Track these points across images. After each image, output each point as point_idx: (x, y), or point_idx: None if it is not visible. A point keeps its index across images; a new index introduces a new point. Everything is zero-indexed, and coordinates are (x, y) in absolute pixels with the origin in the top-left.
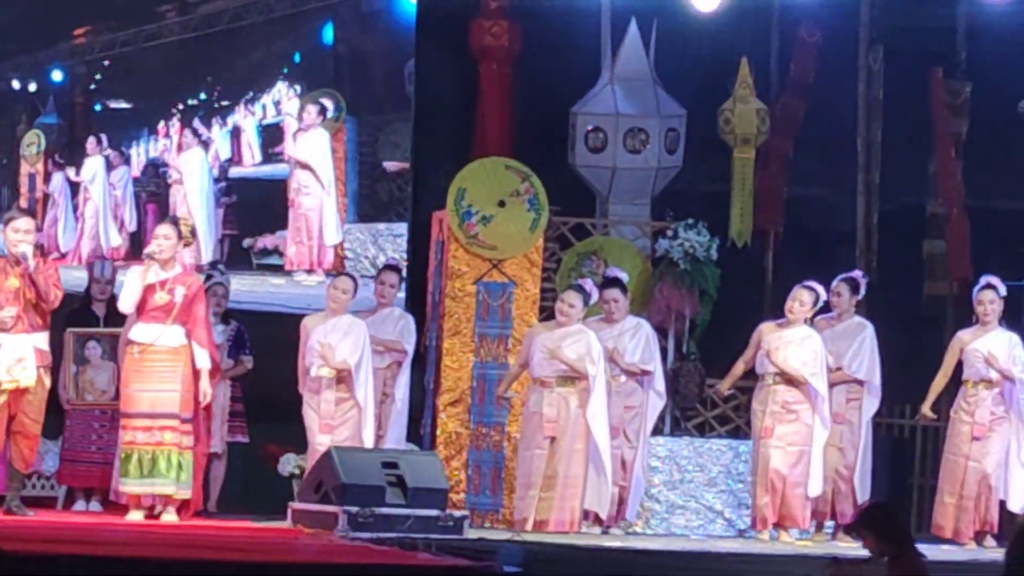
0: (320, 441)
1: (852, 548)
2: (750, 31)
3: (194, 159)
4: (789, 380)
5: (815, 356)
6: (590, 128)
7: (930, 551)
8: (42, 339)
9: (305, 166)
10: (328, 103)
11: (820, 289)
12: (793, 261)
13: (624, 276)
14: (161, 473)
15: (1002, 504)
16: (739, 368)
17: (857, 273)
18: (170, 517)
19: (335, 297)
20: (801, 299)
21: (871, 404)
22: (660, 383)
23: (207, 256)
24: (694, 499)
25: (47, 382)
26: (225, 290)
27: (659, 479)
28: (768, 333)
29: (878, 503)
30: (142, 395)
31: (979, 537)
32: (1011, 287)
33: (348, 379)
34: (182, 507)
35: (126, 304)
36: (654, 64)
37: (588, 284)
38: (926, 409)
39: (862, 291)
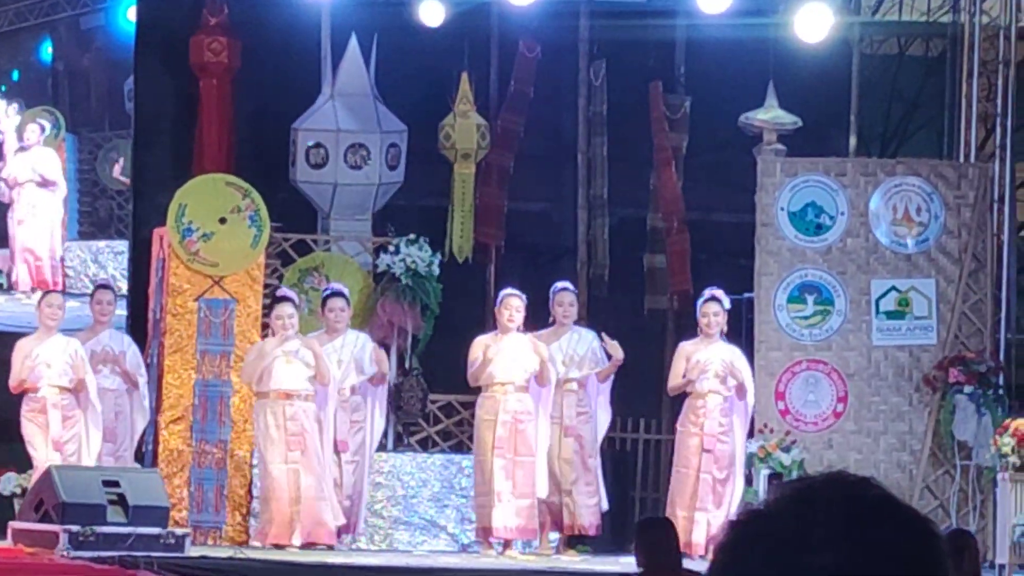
0: (50, 459)
1: (575, 562)
2: (470, 46)
3: None
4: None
5: None
6: (311, 144)
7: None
8: None
9: (42, 183)
10: (47, 121)
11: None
12: (515, 275)
13: (346, 288)
14: None
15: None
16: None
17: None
18: None
19: (51, 315)
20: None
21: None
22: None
23: None
24: (417, 514)
25: None
26: None
27: (382, 494)
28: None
29: (651, 518)
30: None
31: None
32: (731, 300)
33: (73, 396)
34: None
35: None
36: (375, 79)
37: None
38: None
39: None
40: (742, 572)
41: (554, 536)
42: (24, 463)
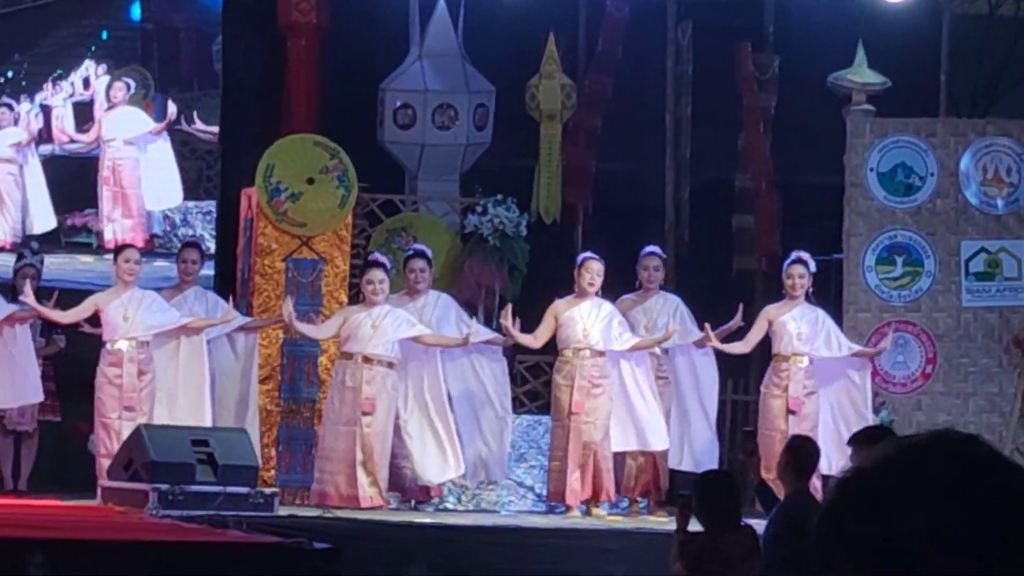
0: (121, 416)
1: (663, 522)
2: (558, 6)
3: (11, 136)
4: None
5: None
6: (399, 104)
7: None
8: None
9: (128, 143)
10: (132, 80)
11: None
12: (602, 237)
13: (428, 249)
14: None
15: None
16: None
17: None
18: None
19: (128, 270)
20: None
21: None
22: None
23: (36, 231)
24: (504, 474)
25: None
26: (37, 271)
27: None
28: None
29: (709, 473)
30: None
31: None
32: (819, 261)
33: (149, 351)
34: None
35: None
36: (462, 40)
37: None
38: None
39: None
40: (847, 532)
41: (643, 498)
42: None
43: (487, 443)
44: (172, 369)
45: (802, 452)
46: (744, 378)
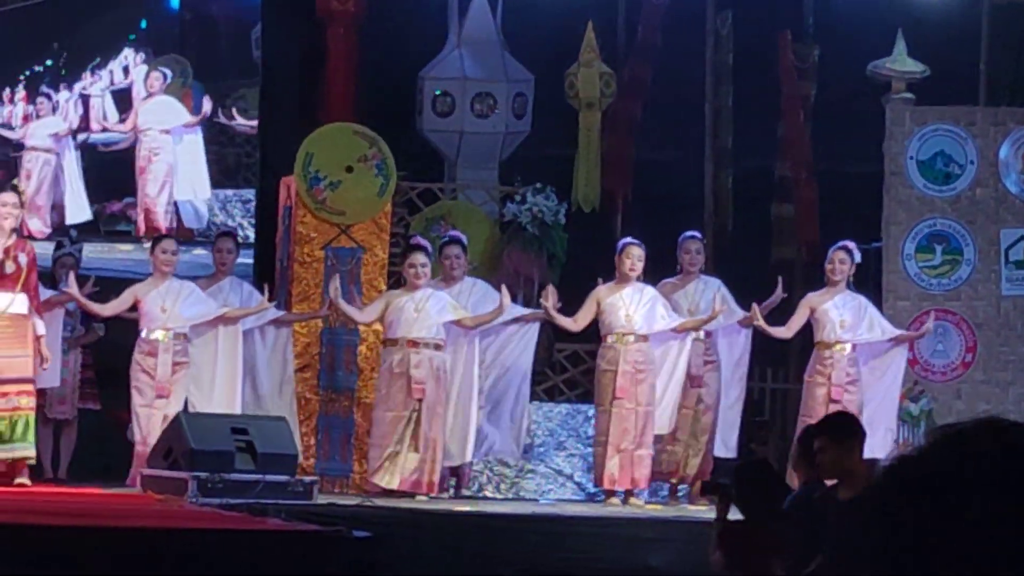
0: (156, 405)
1: (702, 511)
2: None
3: (50, 126)
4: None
5: None
6: (438, 92)
7: None
8: None
9: (164, 132)
10: (169, 69)
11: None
12: (641, 225)
13: (463, 236)
14: (19, 438)
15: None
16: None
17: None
18: (23, 480)
19: (165, 260)
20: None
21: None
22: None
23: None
24: (543, 463)
25: None
26: (76, 260)
27: None
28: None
29: (747, 460)
30: None
31: None
32: (860, 249)
33: (185, 342)
34: (30, 470)
35: None
36: (501, 28)
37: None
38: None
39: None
40: (894, 517)
41: (683, 486)
42: None
43: (503, 425)
44: (209, 358)
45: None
46: (783, 367)
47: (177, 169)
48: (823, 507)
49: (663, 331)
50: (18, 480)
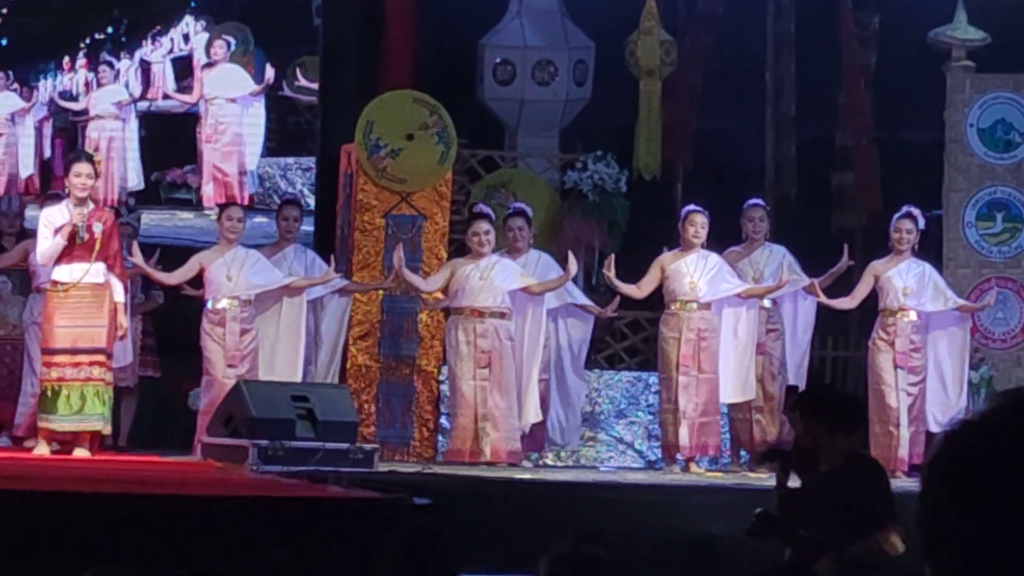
0: (226, 374)
1: (763, 479)
2: None
3: (113, 94)
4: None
5: None
6: (498, 61)
7: None
8: None
9: (231, 100)
10: (232, 37)
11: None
12: (702, 193)
13: (528, 208)
14: (92, 409)
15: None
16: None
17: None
18: (82, 452)
19: (231, 228)
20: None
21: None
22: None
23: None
24: (604, 431)
25: None
26: (134, 229)
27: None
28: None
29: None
30: (67, 331)
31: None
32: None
33: (252, 309)
34: (92, 441)
35: (46, 258)
36: None
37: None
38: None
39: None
40: (957, 484)
41: (744, 453)
42: None
43: (559, 410)
44: (273, 327)
45: None
46: (843, 335)
47: (244, 138)
48: (808, 480)
49: (727, 296)
50: (78, 450)
